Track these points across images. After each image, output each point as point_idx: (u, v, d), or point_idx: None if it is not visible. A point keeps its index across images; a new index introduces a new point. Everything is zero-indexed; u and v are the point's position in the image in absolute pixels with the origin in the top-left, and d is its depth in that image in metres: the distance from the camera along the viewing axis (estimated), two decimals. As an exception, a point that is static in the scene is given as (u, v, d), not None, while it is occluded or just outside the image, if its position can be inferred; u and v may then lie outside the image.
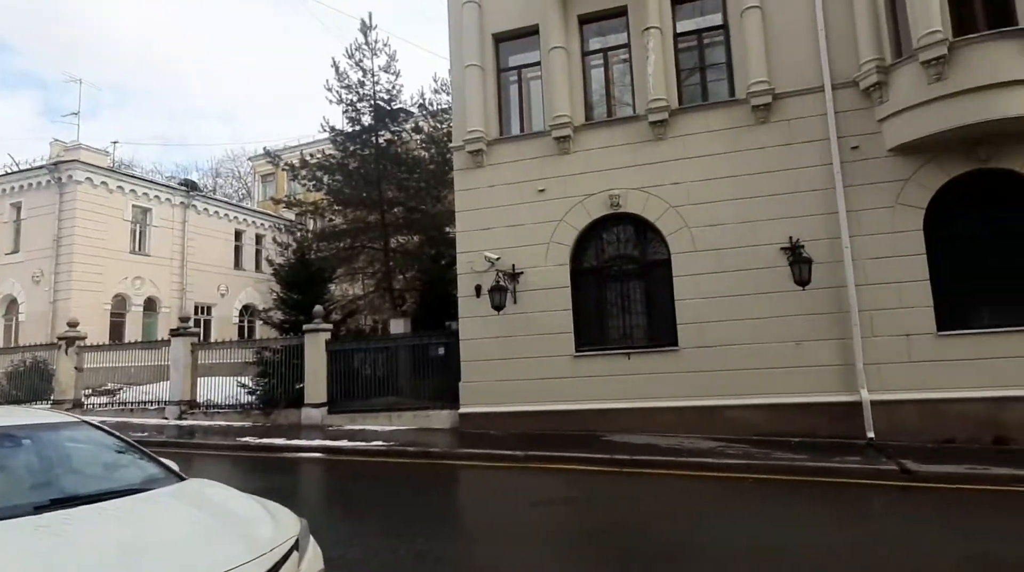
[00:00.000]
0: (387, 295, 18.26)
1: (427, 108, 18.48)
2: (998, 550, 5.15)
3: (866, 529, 5.90)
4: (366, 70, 17.66)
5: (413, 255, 18.44)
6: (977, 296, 9.03)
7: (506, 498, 7.55)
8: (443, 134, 17.60)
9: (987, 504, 6.52)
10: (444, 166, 16.80)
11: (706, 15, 10.97)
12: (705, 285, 10.02)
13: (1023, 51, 8.21)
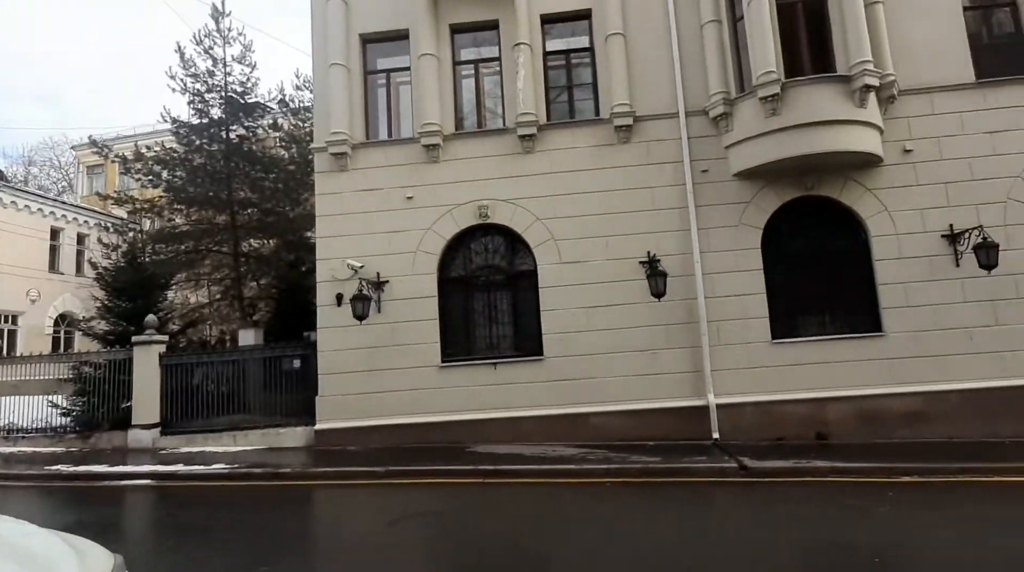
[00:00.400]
0: (236, 303, 16.76)
1: (288, 104, 17.43)
2: (821, 535, 5.78)
3: (710, 523, 6.46)
4: (217, 59, 16.30)
5: (268, 260, 17.18)
6: (804, 308, 10.17)
7: (364, 517, 7.18)
8: (305, 133, 16.67)
9: (810, 494, 7.26)
10: (306, 167, 15.88)
11: (575, 36, 11.44)
12: (570, 296, 10.31)
13: (841, 95, 9.44)
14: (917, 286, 9.73)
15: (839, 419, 9.58)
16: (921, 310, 9.67)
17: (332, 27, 11.32)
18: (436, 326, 10.53)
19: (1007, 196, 9.79)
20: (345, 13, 11.42)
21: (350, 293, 10.29)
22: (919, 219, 9.87)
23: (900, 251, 9.84)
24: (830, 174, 10.00)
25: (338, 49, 11.23)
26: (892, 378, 9.58)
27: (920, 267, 9.77)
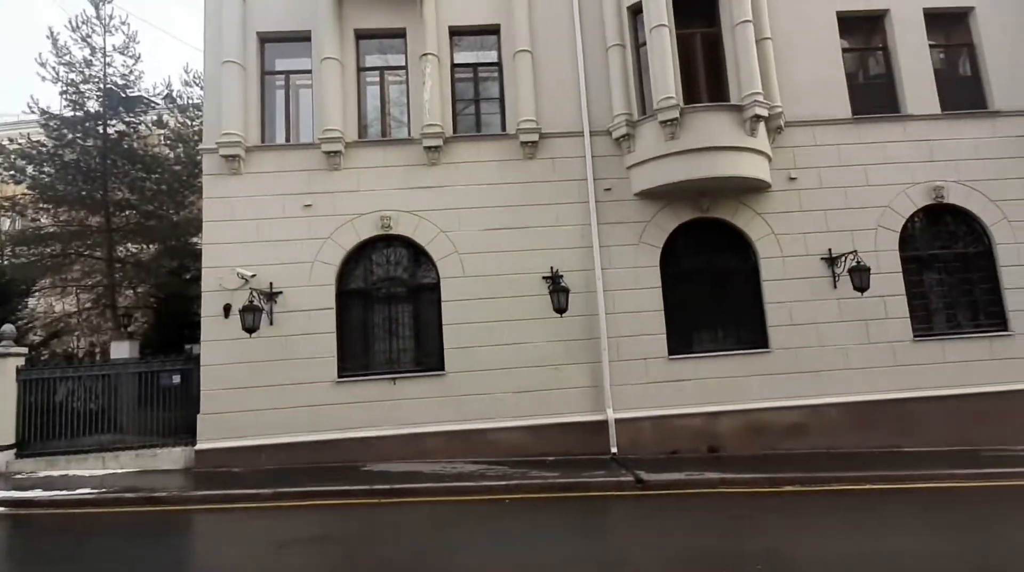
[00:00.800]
0: (109, 313, 15.36)
1: (175, 100, 16.28)
2: (709, 544, 5.98)
3: (605, 536, 6.57)
4: (96, 48, 15.08)
5: (147, 267, 15.92)
6: (699, 324, 10.61)
7: (250, 543, 6.71)
8: (193, 132, 15.67)
9: (701, 505, 7.51)
10: (193, 168, 14.95)
11: (483, 50, 11.45)
12: (473, 310, 10.19)
13: (734, 123, 9.98)
14: (800, 305, 10.37)
15: (730, 432, 9.99)
16: (803, 328, 10.31)
17: (227, 23, 10.74)
18: (333, 339, 10.09)
19: (878, 224, 10.67)
20: (242, 10, 10.88)
21: (240, 304, 9.65)
22: (802, 243, 10.56)
23: (785, 272, 10.46)
24: (724, 197, 10.52)
25: (233, 46, 10.66)
26: (777, 392, 10.13)
27: (802, 288, 10.44)
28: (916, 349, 10.36)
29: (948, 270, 10.87)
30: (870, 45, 11.68)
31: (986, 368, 10.35)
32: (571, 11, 11.03)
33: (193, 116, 16.22)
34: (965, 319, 10.74)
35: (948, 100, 11.21)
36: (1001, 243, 10.76)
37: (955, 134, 11.03)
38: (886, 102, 11.28)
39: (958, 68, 11.67)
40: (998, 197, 10.86)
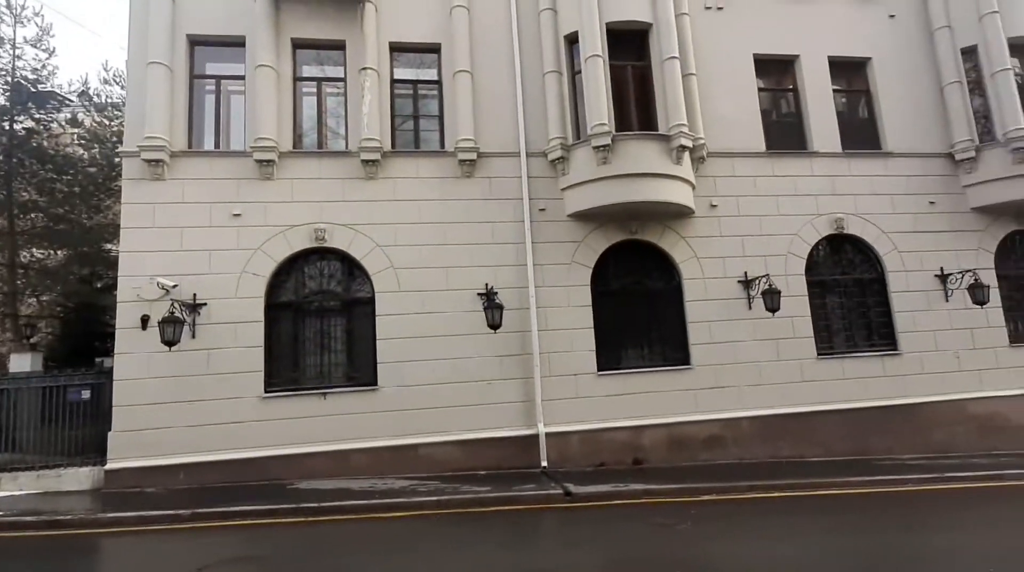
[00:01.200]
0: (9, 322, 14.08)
1: (92, 98, 15.25)
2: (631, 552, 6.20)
3: (534, 548, 6.76)
4: (5, 39, 13.94)
5: (54, 274, 14.74)
6: (627, 342, 11.00)
7: (165, 566, 6.39)
8: (112, 133, 14.72)
9: (626, 515, 7.78)
10: (111, 171, 14.05)
11: (424, 68, 11.49)
12: (408, 325, 10.13)
13: (661, 151, 10.51)
14: (719, 325, 10.97)
15: (653, 445, 10.38)
16: (721, 346, 10.89)
17: (155, 23, 10.29)
18: (261, 353, 9.75)
19: (787, 250, 11.48)
20: (171, 10, 10.46)
21: (159, 315, 9.14)
22: (721, 266, 11.20)
23: (706, 293, 11.05)
24: (651, 221, 11.03)
25: (160, 47, 10.21)
26: (697, 407, 10.63)
27: (721, 308, 11.05)
28: (819, 366, 11.18)
29: (847, 294, 11.82)
30: (782, 86, 12.62)
31: (880, 384, 11.30)
32: (511, 36, 11.30)
33: (112, 116, 15.23)
34: (861, 339, 11.69)
35: (848, 140, 12.28)
36: (892, 271, 11.82)
37: (854, 171, 12.08)
38: (796, 139, 12.21)
39: (858, 112, 12.79)
40: (889, 229, 11.94)
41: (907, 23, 12.97)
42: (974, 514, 7.62)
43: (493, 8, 11.41)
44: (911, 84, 12.70)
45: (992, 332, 11.88)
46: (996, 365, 11.79)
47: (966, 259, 12.00)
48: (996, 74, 12.17)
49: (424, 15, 11.26)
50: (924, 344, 11.59)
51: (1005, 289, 12.13)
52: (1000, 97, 12.08)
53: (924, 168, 12.36)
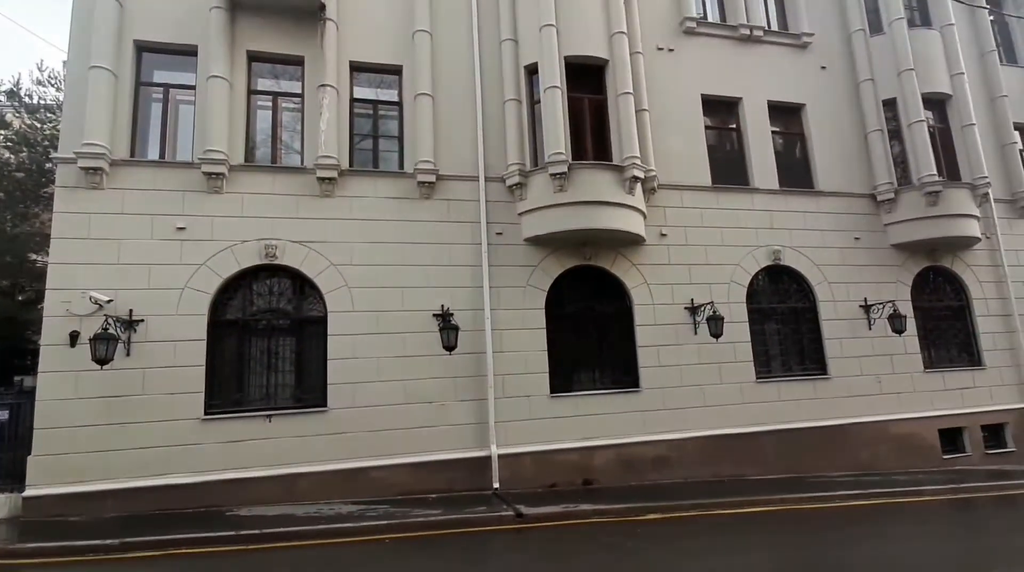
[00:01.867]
0: (-86, 338, 12.65)
1: (22, 99, 14.06)
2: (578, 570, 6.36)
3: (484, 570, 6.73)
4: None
5: (-30, 285, 13.31)
6: (579, 364, 11.04)
7: None
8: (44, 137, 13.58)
9: (575, 535, 7.86)
10: (40, 177, 12.93)
11: (384, 88, 11.32)
12: (361, 346, 9.80)
13: (615, 181, 10.72)
14: (666, 349, 11.19)
15: (603, 466, 10.41)
16: (669, 369, 11.11)
17: (100, 26, 9.67)
18: (201, 373, 9.16)
19: (730, 279, 11.90)
20: (119, 14, 9.89)
21: (91, 331, 8.45)
22: (669, 292, 11.47)
23: (655, 318, 11.26)
24: (605, 248, 11.19)
25: (105, 52, 9.60)
26: (645, 428, 10.76)
27: (669, 333, 11.29)
28: (758, 389, 11.56)
29: (784, 321, 12.35)
30: (727, 126, 13.18)
31: (812, 406, 11.81)
32: (472, 63, 11.31)
33: (44, 119, 14.09)
34: (796, 364, 12.21)
35: (785, 178, 12.93)
36: (822, 300, 12.45)
37: (790, 207, 12.71)
38: (739, 175, 12.76)
39: (794, 152, 13.51)
40: (820, 261, 12.60)
41: (837, 74, 13.89)
42: (898, 527, 8.03)
43: (455, 35, 11.42)
44: (840, 130, 13.56)
45: (909, 358, 12.67)
46: (913, 389, 12.56)
47: (886, 291, 12.80)
48: (912, 125, 13.18)
49: (386, 36, 11.13)
50: (850, 369, 12.22)
51: (920, 319, 13.01)
52: (915, 145, 13.07)
53: (850, 206, 13.16)
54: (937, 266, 13.49)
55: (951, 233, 12.87)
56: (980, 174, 13.24)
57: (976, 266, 13.72)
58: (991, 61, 15.20)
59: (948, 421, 12.62)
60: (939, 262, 13.46)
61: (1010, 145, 14.67)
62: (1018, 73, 15.73)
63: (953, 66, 13.88)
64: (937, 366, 12.95)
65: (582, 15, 11.27)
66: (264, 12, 10.52)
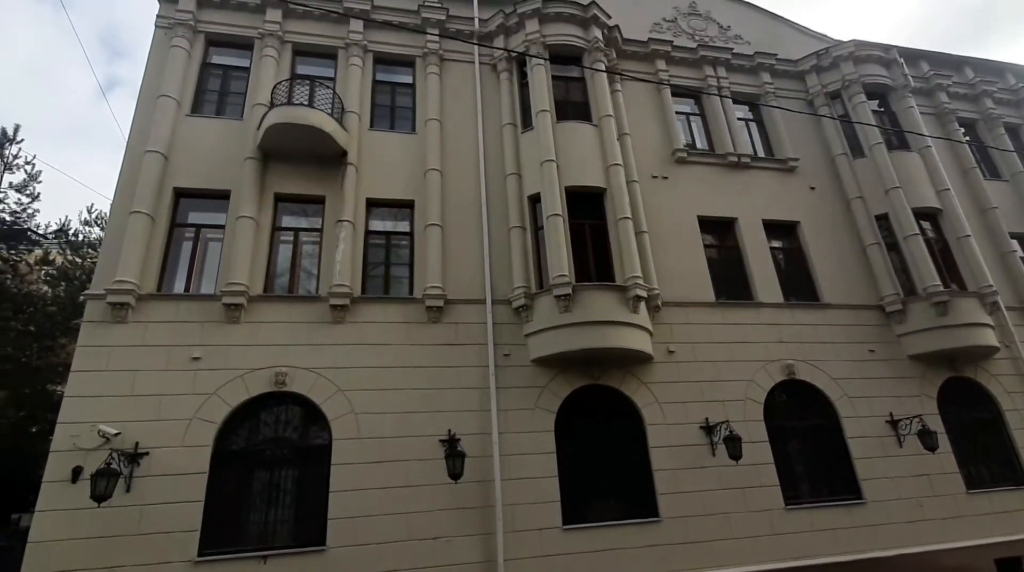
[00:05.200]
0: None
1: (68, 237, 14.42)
2: None
3: None
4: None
5: (-17, 416, 12.82)
6: (593, 492, 9.79)
7: None
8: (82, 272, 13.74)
9: None
10: (72, 310, 12.93)
11: (397, 221, 11.31)
12: (365, 475, 8.89)
13: (619, 301, 10.18)
14: (685, 473, 9.95)
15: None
16: (689, 496, 9.80)
17: (145, 176, 10.04)
18: (199, 510, 8.26)
19: (745, 396, 10.84)
20: (162, 166, 10.29)
21: (93, 467, 7.73)
22: (683, 411, 10.43)
23: (670, 439, 10.14)
24: (612, 367, 10.41)
25: (146, 198, 9.87)
26: (667, 564, 9.29)
27: (685, 455, 10.11)
28: (788, 517, 10.05)
29: (807, 440, 11.04)
30: (725, 244, 12.82)
31: (849, 536, 10.17)
32: (479, 195, 11.39)
33: (85, 255, 14.42)
34: (826, 487, 10.72)
35: (789, 292, 12.28)
36: (845, 416, 11.20)
37: (797, 320, 11.90)
38: (742, 290, 12.16)
39: (795, 266, 12.93)
40: (837, 375, 11.53)
41: (826, 193, 13.68)
42: None
43: (464, 171, 11.61)
44: (837, 244, 13.07)
45: (948, 478, 11.09)
46: (958, 513, 10.85)
47: (911, 405, 11.53)
48: (908, 238, 12.65)
49: (400, 175, 11.35)
50: (886, 492, 10.67)
51: (953, 434, 11.55)
52: (915, 257, 12.43)
53: (859, 318, 12.30)
54: (961, 377, 12.24)
55: (967, 343, 11.80)
56: (985, 283, 12.39)
57: (1001, 376, 12.43)
58: (974, 177, 14.95)
59: (1004, 549, 10.71)
60: (962, 373, 12.23)
61: (1010, 253, 13.93)
62: (1003, 186, 15.41)
63: (938, 183, 13.58)
64: (980, 486, 11.29)
65: (579, 151, 11.44)
66: (292, 159, 10.84)
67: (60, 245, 14.20)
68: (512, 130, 12.01)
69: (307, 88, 10.92)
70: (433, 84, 12.31)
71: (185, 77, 11.19)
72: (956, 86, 16.59)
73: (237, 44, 12.01)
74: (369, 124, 11.80)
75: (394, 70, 12.78)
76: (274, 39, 11.85)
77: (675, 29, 15.17)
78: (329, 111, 10.84)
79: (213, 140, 10.84)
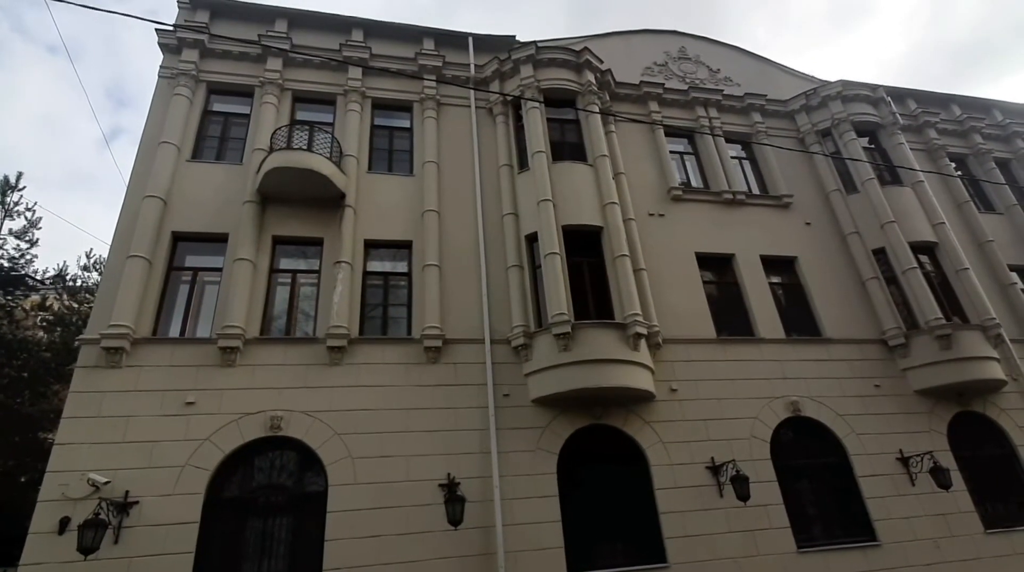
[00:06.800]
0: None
1: (66, 282, 14.58)
2: None
3: None
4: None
5: (-32, 465, 12.63)
6: (598, 536, 9.59)
7: None
8: (78, 318, 13.82)
9: None
10: (67, 355, 12.88)
11: (395, 261, 11.49)
12: (362, 523, 8.71)
13: (618, 339, 10.24)
14: (692, 515, 9.79)
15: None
16: (697, 540, 9.62)
17: (144, 221, 10.26)
18: (190, 562, 8.09)
19: (751, 434, 10.78)
20: (161, 210, 10.54)
21: (82, 517, 7.63)
22: (687, 451, 10.35)
23: (675, 480, 10.03)
24: (614, 406, 10.39)
25: (144, 242, 10.06)
26: (679, 614, 8.94)
27: (692, 496, 9.97)
28: (801, 561, 9.84)
29: (816, 479, 10.91)
30: (724, 280, 13.00)
31: (867, 580, 9.90)
32: (476, 234, 11.63)
33: (83, 300, 14.55)
34: (839, 528, 10.52)
35: (791, 327, 12.38)
36: (854, 454, 11.10)
37: (800, 356, 11.95)
38: (743, 326, 12.26)
39: (795, 302, 13.07)
40: (843, 411, 11.49)
41: (822, 229, 13.98)
42: None
43: (461, 212, 11.89)
44: (836, 279, 13.27)
45: (965, 518, 10.91)
46: (977, 555, 10.62)
47: (921, 441, 11.46)
48: (906, 271, 12.86)
49: (398, 217, 11.61)
50: (902, 533, 10.47)
51: (967, 472, 11.41)
52: (914, 291, 12.60)
53: (863, 353, 12.36)
54: (970, 411, 12.20)
55: (974, 376, 11.83)
56: (988, 316, 12.52)
57: (1011, 410, 12.40)
58: (969, 210, 15.31)
59: (1029, 592, 10.46)
60: (970, 407, 12.21)
61: (1011, 286, 14.12)
62: (998, 219, 15.74)
63: (933, 217, 13.90)
64: (999, 525, 11.07)
65: (575, 190, 11.75)
66: (291, 202, 11.12)
67: (57, 290, 14.34)
68: (509, 171, 12.38)
69: (306, 133, 11.32)
70: (430, 128, 12.76)
71: (186, 124, 11.60)
72: (944, 123, 17.21)
73: (238, 92, 12.51)
74: (367, 167, 12.17)
75: (392, 115, 13.27)
76: (274, 87, 12.37)
77: (666, 72, 15.85)
78: (328, 155, 11.21)
79: (212, 185, 11.15)
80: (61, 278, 14.35)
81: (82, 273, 14.73)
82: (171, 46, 12.30)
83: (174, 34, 12.20)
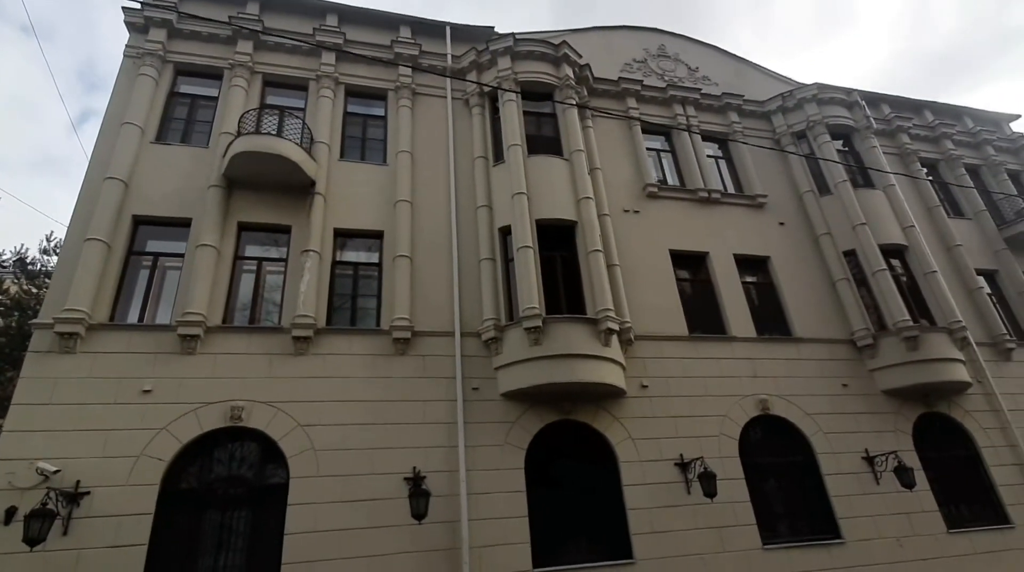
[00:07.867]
0: None
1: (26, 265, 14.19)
2: None
3: None
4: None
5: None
6: (565, 532, 9.70)
7: None
8: (38, 302, 13.48)
9: None
10: (23, 341, 12.53)
11: (366, 251, 11.43)
12: (323, 517, 8.65)
13: (590, 334, 10.33)
14: (659, 512, 9.94)
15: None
16: (664, 536, 9.76)
17: (104, 203, 10.06)
18: (143, 555, 7.95)
19: (719, 431, 10.97)
20: (122, 193, 10.34)
21: (28, 508, 7.45)
22: (657, 448, 10.49)
23: (644, 477, 10.16)
24: (584, 401, 10.48)
25: (103, 225, 9.85)
26: (644, 610, 9.06)
27: (661, 493, 10.11)
28: (767, 558, 10.04)
29: (783, 477, 11.14)
30: (698, 278, 13.20)
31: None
32: (450, 226, 11.63)
33: (41, 285, 14.19)
34: (805, 526, 10.76)
35: (762, 326, 12.62)
36: (821, 452, 11.36)
37: (771, 354, 12.20)
38: (715, 325, 12.46)
39: (767, 301, 13.33)
40: (812, 410, 11.76)
41: (795, 229, 14.28)
42: None
43: (434, 203, 11.88)
44: (806, 279, 13.57)
45: (928, 517, 11.24)
46: (940, 553, 10.95)
47: (887, 441, 11.77)
48: (876, 273, 13.19)
49: (369, 206, 11.56)
50: (866, 531, 10.75)
51: (930, 471, 11.75)
52: (883, 293, 12.94)
53: (832, 353, 12.66)
54: (935, 412, 12.58)
55: (939, 378, 12.19)
56: (954, 318, 12.90)
57: (975, 412, 12.81)
58: (939, 215, 15.77)
59: (988, 591, 10.82)
60: (935, 408, 12.59)
61: (977, 290, 14.59)
62: (966, 224, 16.24)
63: (903, 220, 14.28)
64: (961, 525, 11.42)
65: (550, 184, 11.82)
66: (258, 188, 10.99)
67: (16, 274, 13.94)
68: (484, 163, 12.41)
69: (276, 118, 11.20)
70: (405, 117, 12.73)
71: (151, 105, 11.40)
72: (917, 128, 17.71)
73: (206, 74, 12.34)
74: (339, 155, 12.09)
75: (366, 102, 13.21)
76: (244, 70, 12.22)
77: (645, 70, 16.05)
78: (298, 141, 11.10)
79: (177, 168, 10.96)
80: (22, 262, 13.95)
81: (41, 257, 14.41)
82: (138, 25, 12.07)
83: (141, 13, 11.98)
